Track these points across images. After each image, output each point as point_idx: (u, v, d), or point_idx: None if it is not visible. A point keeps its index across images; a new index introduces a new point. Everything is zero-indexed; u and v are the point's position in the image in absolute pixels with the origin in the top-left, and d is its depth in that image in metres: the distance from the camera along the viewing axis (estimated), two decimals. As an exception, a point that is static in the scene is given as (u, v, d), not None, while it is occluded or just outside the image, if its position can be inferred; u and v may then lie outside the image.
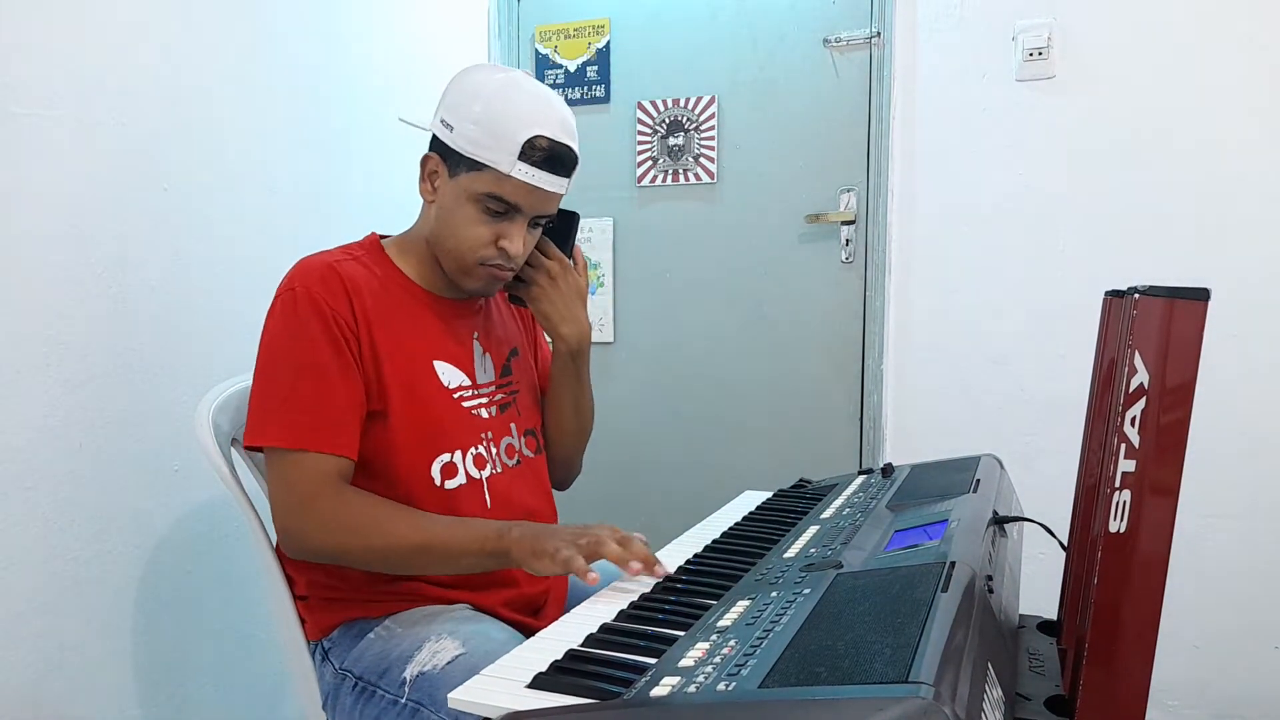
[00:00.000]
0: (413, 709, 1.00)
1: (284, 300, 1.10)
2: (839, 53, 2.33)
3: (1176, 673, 2.02)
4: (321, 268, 1.11)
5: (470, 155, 1.10)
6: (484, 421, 1.21)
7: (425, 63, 2.27)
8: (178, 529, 1.54)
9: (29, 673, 1.31)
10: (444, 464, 1.15)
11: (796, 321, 2.40)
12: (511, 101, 1.11)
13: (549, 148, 1.10)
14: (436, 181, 1.16)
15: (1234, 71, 1.95)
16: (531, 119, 1.10)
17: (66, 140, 1.34)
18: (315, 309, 1.08)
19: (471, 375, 1.22)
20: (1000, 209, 2.14)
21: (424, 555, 1.06)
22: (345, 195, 1.97)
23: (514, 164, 1.09)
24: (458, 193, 1.13)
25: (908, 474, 1.36)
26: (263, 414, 1.08)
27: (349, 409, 1.08)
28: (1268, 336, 1.95)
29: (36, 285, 1.30)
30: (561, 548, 0.99)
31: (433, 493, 1.14)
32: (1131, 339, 0.69)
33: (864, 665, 0.62)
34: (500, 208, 1.12)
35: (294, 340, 1.08)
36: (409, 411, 1.13)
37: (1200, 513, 1.97)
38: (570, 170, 1.15)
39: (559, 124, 1.12)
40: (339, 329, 1.08)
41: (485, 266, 1.16)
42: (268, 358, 1.09)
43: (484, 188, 1.11)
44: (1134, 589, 0.73)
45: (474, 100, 1.11)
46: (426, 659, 1.02)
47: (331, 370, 1.07)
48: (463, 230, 1.14)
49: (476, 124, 1.10)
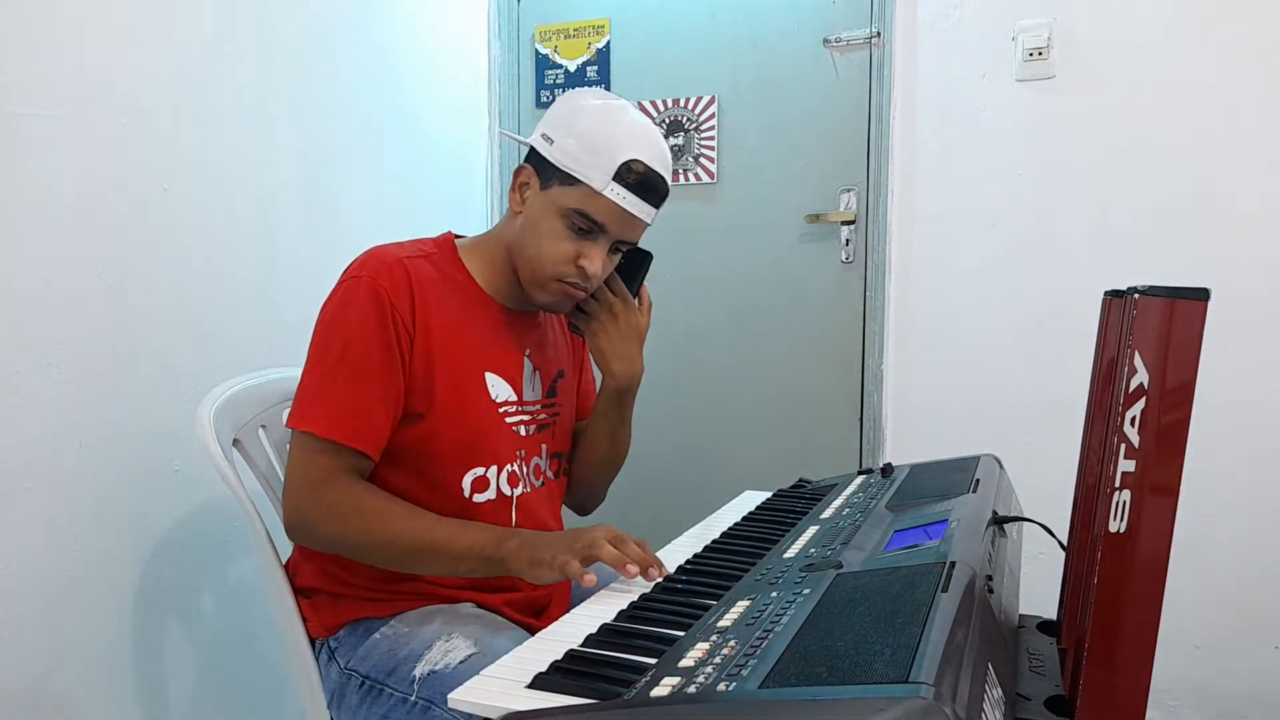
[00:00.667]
0: (424, 707, 1.00)
1: (348, 286, 1.10)
2: (839, 53, 2.32)
3: (1177, 673, 2.02)
4: (391, 260, 1.11)
5: (565, 169, 1.11)
6: (521, 439, 1.21)
7: (425, 63, 2.27)
8: (178, 529, 1.54)
9: (29, 673, 1.31)
10: (476, 477, 1.16)
11: (796, 321, 2.40)
12: (615, 123, 1.12)
13: (644, 173, 1.11)
14: (526, 193, 1.17)
15: (1234, 71, 1.95)
16: (631, 143, 1.11)
17: (66, 140, 1.34)
18: (375, 300, 1.08)
19: (519, 391, 1.22)
20: (1000, 209, 2.14)
21: (425, 554, 1.06)
22: (345, 196, 1.97)
23: (607, 183, 1.10)
24: (546, 205, 1.13)
25: (907, 474, 1.36)
26: (302, 398, 1.09)
27: (381, 406, 1.08)
28: (1268, 336, 1.95)
29: (36, 285, 1.30)
30: (558, 554, 0.99)
31: (459, 503, 1.14)
32: (1131, 339, 0.69)
33: (864, 665, 0.62)
34: (586, 225, 1.12)
35: (346, 327, 1.08)
36: (451, 420, 1.13)
37: (1200, 513, 1.97)
38: (661, 201, 1.16)
39: (658, 154, 1.13)
40: (395, 325, 1.08)
41: (561, 283, 1.15)
42: (319, 340, 1.10)
43: (573, 203, 1.11)
44: (1134, 589, 0.73)
45: (579, 117, 1.13)
46: (438, 657, 1.03)
47: (374, 365, 1.07)
48: (546, 243, 1.14)
49: (577, 139, 1.11)
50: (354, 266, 1.12)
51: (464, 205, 2.47)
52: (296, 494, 1.07)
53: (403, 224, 2.13)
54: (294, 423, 1.08)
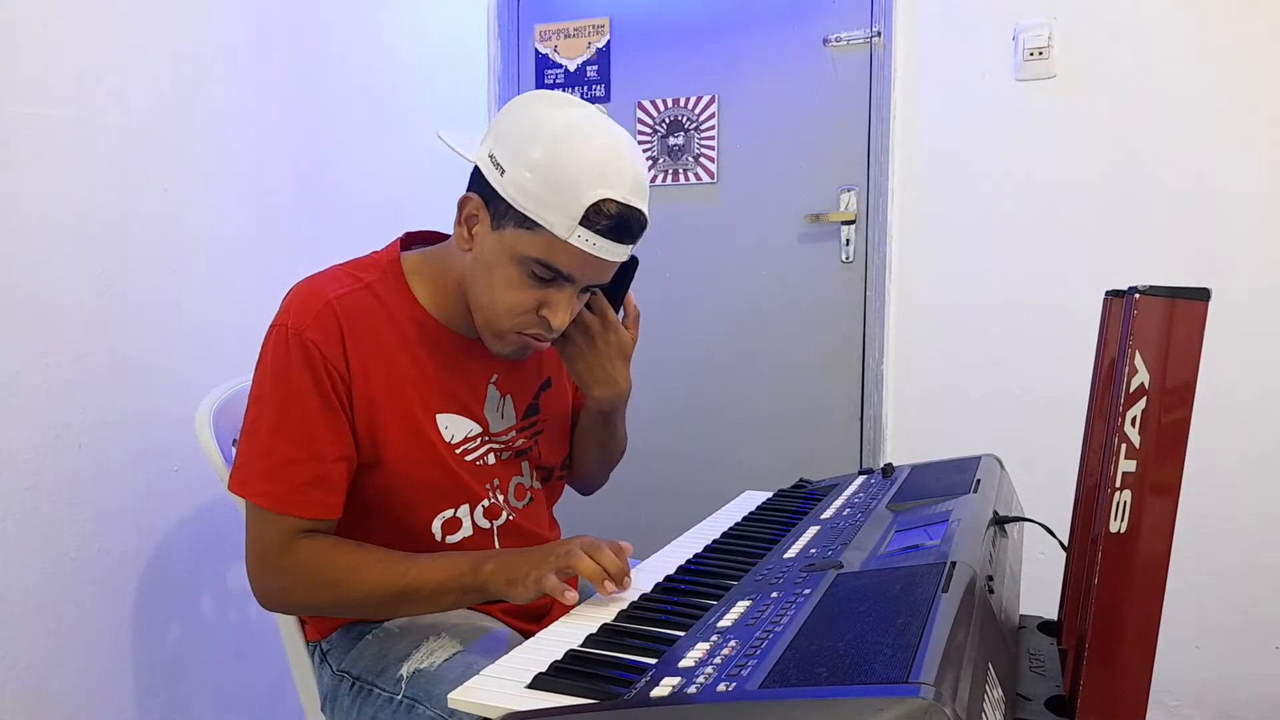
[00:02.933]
0: (409, 706, 1.00)
1: (276, 337, 1.00)
2: (839, 53, 2.32)
3: (1177, 673, 2.02)
4: (319, 306, 1.00)
5: (521, 208, 0.95)
6: (490, 470, 1.12)
7: (425, 63, 2.27)
8: (178, 529, 1.54)
9: (29, 673, 1.31)
10: (446, 519, 1.09)
11: (796, 321, 2.40)
12: (578, 152, 0.94)
13: (617, 214, 0.94)
14: (475, 227, 1.01)
15: (1234, 71, 1.95)
16: (600, 176, 0.93)
17: (66, 140, 1.34)
18: (305, 354, 0.98)
19: (483, 423, 1.11)
20: (1000, 209, 2.14)
21: (403, 600, 0.99)
22: (344, 196, 1.97)
23: (573, 229, 0.94)
24: (500, 248, 0.98)
25: (908, 474, 1.35)
26: (245, 464, 1.00)
27: (332, 464, 1.00)
28: (1268, 336, 1.95)
29: (37, 285, 1.30)
30: (533, 571, 0.93)
31: (432, 547, 1.09)
32: (1132, 339, 0.69)
33: (864, 666, 0.62)
34: (548, 275, 0.98)
35: (279, 386, 0.99)
36: (404, 468, 1.05)
37: (1201, 513, 1.97)
38: (638, 236, 0.99)
39: (631, 183, 0.96)
40: (330, 380, 0.98)
41: (520, 335, 1.03)
42: (255, 401, 1.01)
43: (532, 251, 0.96)
44: (1135, 589, 0.73)
45: (532, 142, 0.95)
46: (424, 656, 1.03)
47: (316, 422, 0.98)
48: (501, 292, 1.00)
49: (533, 172, 0.94)
50: (281, 310, 1.02)
51: (464, 205, 2.46)
52: (258, 569, 1.01)
53: (402, 224, 2.12)
54: (240, 490, 1.00)
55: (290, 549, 0.99)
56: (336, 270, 1.07)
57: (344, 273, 1.07)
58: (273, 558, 0.99)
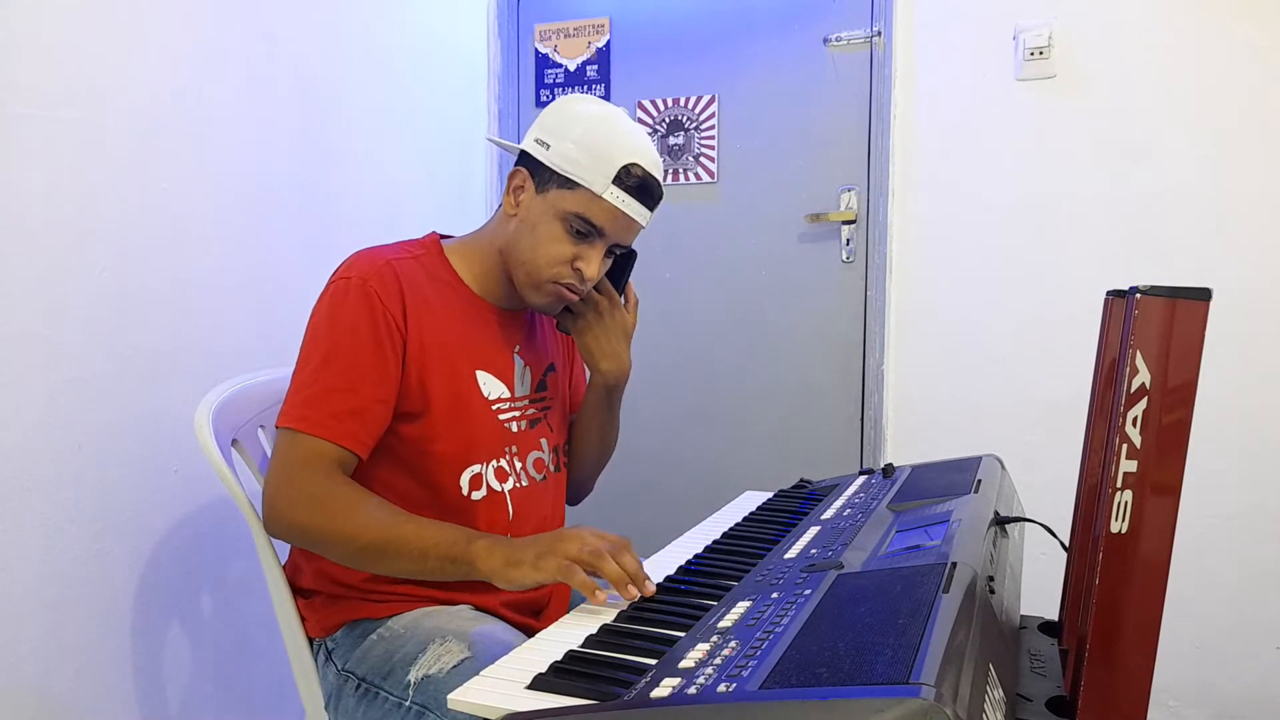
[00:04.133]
0: (418, 712, 1.00)
1: (336, 287, 1.10)
2: (839, 52, 2.32)
3: (1178, 673, 2.02)
4: (379, 263, 1.12)
5: (564, 173, 1.12)
6: (512, 435, 1.22)
7: (425, 62, 2.27)
8: (178, 530, 1.54)
9: (29, 673, 1.31)
10: (473, 475, 1.16)
11: (796, 321, 2.40)
12: (614, 129, 1.14)
13: (643, 177, 1.13)
14: (521, 195, 1.17)
15: (1234, 71, 1.95)
16: (630, 148, 1.13)
17: (66, 140, 1.34)
18: (367, 301, 1.08)
19: (511, 387, 1.22)
20: (1000, 209, 2.14)
21: (388, 550, 1.01)
22: (345, 196, 1.97)
23: (607, 186, 1.11)
24: (544, 208, 1.14)
25: (909, 474, 1.35)
26: (290, 398, 1.08)
27: (371, 404, 1.07)
28: (1269, 336, 1.95)
29: (36, 285, 1.30)
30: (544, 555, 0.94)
31: (459, 500, 1.15)
32: (1133, 339, 0.69)
33: (865, 666, 0.62)
34: (585, 228, 1.13)
35: (334, 326, 1.08)
36: (449, 419, 1.14)
37: (1201, 513, 1.97)
38: (656, 204, 1.17)
39: (654, 159, 1.16)
40: (387, 325, 1.09)
41: (557, 285, 1.16)
42: (309, 341, 1.10)
43: (573, 206, 1.12)
44: (1135, 589, 0.73)
45: (576, 123, 1.14)
46: (432, 662, 1.02)
47: (364, 362, 1.07)
48: (543, 246, 1.14)
49: (576, 143, 1.12)
50: (342, 268, 1.12)
51: (463, 205, 2.47)
52: (270, 484, 1.06)
53: (402, 224, 2.13)
54: (280, 421, 1.08)
55: (309, 465, 1.04)
56: (386, 245, 1.19)
57: (394, 245, 1.19)
58: (291, 474, 1.05)
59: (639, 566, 0.96)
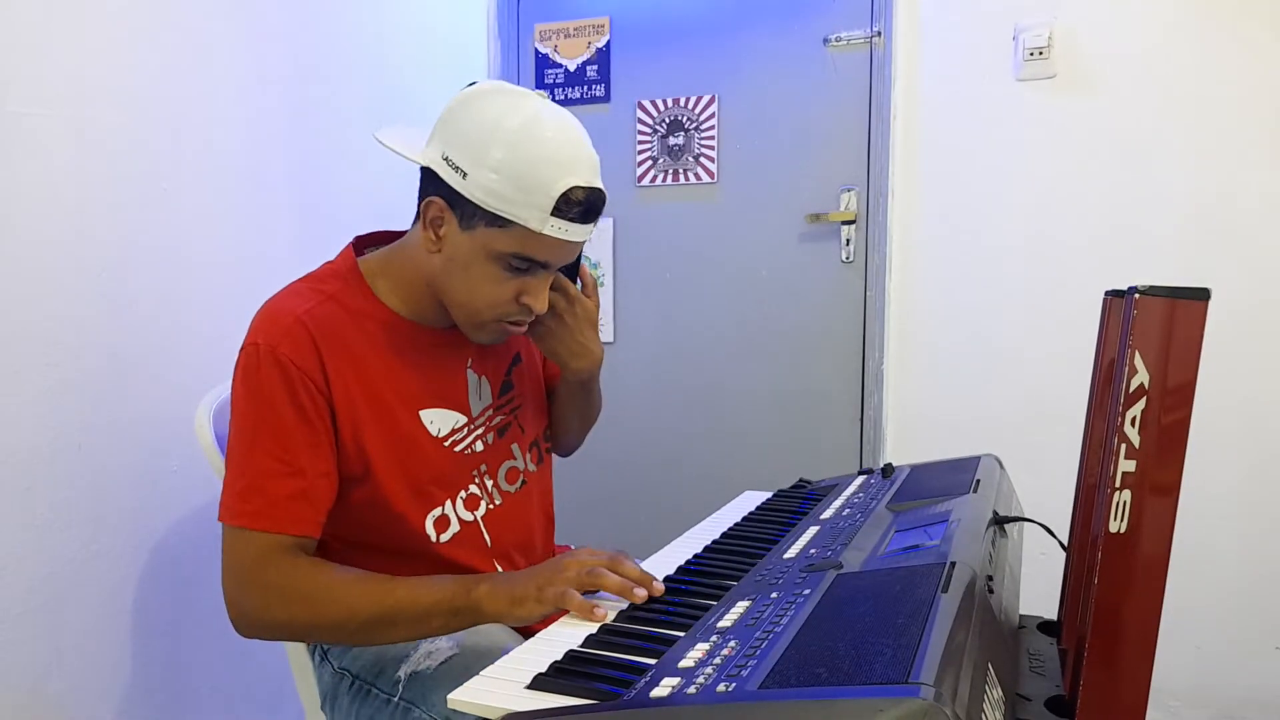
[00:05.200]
0: (405, 709, 1.00)
1: (248, 357, 0.99)
2: (839, 52, 2.32)
3: (1177, 673, 2.01)
4: (287, 321, 1.00)
5: (492, 209, 0.97)
6: (478, 456, 1.13)
7: (425, 62, 2.27)
8: (176, 530, 1.54)
9: (27, 674, 1.30)
10: (436, 518, 1.08)
11: (796, 321, 2.40)
12: (540, 145, 0.97)
13: (584, 199, 0.98)
14: (441, 230, 1.02)
15: (1234, 71, 1.95)
16: (563, 166, 0.97)
17: (66, 140, 1.34)
18: (280, 370, 0.97)
19: (466, 411, 1.13)
20: (1000, 208, 2.14)
21: (386, 622, 0.95)
22: (344, 196, 1.97)
23: (546, 220, 0.96)
24: (473, 248, 1.00)
25: (908, 474, 1.35)
26: (228, 490, 1.00)
27: (313, 480, 0.99)
28: (1268, 336, 1.95)
29: (35, 286, 1.30)
30: (545, 587, 0.91)
31: (427, 549, 1.08)
32: (1132, 339, 0.69)
33: (864, 666, 0.62)
34: (524, 265, 1.01)
35: (254, 402, 0.98)
36: (397, 472, 1.05)
37: (1201, 513, 1.97)
38: (600, 214, 1.03)
39: (589, 165, 1.00)
40: (308, 392, 0.98)
41: (501, 322, 1.06)
42: (234, 421, 1.00)
43: (509, 247, 0.99)
44: (1134, 589, 0.73)
45: (492, 144, 0.97)
46: (421, 659, 1.02)
47: (293, 438, 0.97)
48: (480, 289, 1.02)
49: (498, 173, 0.96)
50: (250, 331, 1.01)
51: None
52: (230, 584, 0.98)
53: (400, 224, 2.13)
54: (221, 516, 1.00)
55: (268, 564, 0.96)
56: (297, 285, 1.07)
57: (305, 287, 1.07)
58: (250, 573, 0.97)
59: (641, 572, 0.94)
